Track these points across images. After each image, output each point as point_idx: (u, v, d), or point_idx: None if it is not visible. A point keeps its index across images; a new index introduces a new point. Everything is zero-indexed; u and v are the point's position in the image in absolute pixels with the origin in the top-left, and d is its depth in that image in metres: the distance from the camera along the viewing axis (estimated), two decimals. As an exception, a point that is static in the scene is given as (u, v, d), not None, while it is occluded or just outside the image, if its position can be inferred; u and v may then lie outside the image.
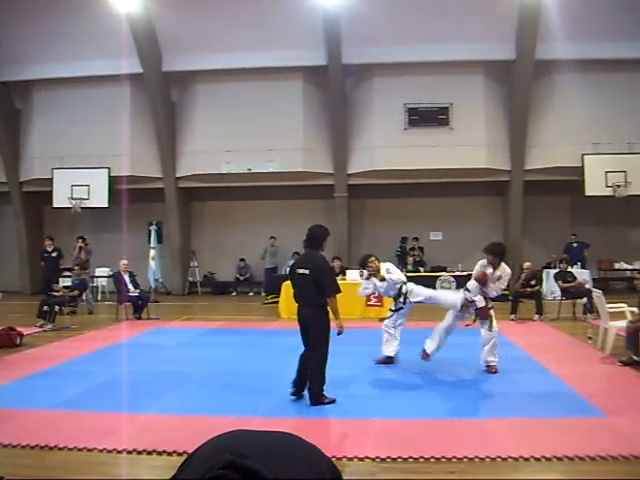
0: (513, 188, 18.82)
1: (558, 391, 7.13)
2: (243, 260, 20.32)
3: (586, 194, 17.94)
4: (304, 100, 19.05)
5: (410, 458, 5.00)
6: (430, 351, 8.38)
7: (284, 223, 19.99)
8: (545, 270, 17.10)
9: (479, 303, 8.20)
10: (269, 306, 16.10)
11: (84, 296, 14.85)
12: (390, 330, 8.82)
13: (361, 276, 11.55)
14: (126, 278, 14.45)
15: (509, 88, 18.66)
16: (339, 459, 4.98)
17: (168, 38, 18.26)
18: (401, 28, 17.25)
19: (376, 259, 8.95)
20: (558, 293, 14.30)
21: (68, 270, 15.84)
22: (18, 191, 20.16)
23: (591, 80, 17.87)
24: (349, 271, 14.82)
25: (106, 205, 19.09)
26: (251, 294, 20.00)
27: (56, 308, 12.84)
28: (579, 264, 16.92)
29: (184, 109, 19.78)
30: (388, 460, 5.00)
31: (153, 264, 18.31)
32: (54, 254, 15.95)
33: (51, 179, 19.02)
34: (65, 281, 14.93)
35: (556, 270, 15.02)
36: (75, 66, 18.32)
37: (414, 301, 8.77)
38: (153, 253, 18.42)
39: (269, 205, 20.57)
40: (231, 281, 20.65)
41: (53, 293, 13.49)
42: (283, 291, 14.64)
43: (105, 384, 7.74)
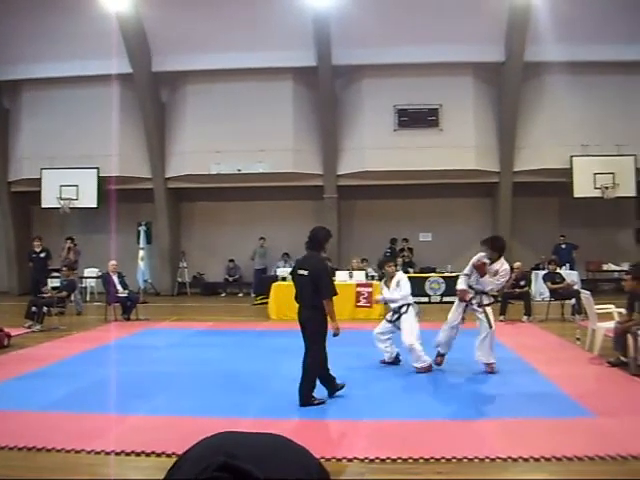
0: (502, 189, 18.88)
1: (547, 392, 7.15)
2: (232, 261, 20.30)
3: (575, 196, 18.04)
4: (294, 101, 19.04)
5: (399, 459, 5.02)
6: (444, 352, 8.54)
7: (274, 224, 20.01)
8: (534, 271, 17.15)
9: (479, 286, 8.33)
10: (258, 307, 16.08)
11: (73, 297, 14.79)
12: (382, 337, 8.81)
13: (372, 277, 11.72)
14: (115, 279, 14.40)
15: (498, 90, 18.73)
16: (328, 460, 4.97)
17: (158, 38, 18.21)
18: (391, 30, 17.28)
19: (395, 265, 9.29)
20: (547, 294, 14.35)
21: (56, 271, 15.76)
22: (6, 191, 20.05)
23: (580, 82, 17.96)
24: (338, 272, 14.80)
25: (95, 205, 19.00)
26: (240, 295, 19.96)
27: (44, 309, 12.77)
28: (568, 265, 16.97)
29: (174, 109, 19.73)
30: (377, 461, 5.01)
31: (142, 265, 18.26)
32: (42, 254, 15.89)
33: (40, 179, 18.91)
34: (53, 282, 14.85)
35: (545, 271, 15.07)
36: (64, 66, 18.23)
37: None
38: (142, 254, 18.37)
39: (259, 206, 20.55)
40: (220, 282, 20.62)
41: (41, 294, 13.43)
42: (272, 292, 14.65)
43: (94, 385, 7.71)
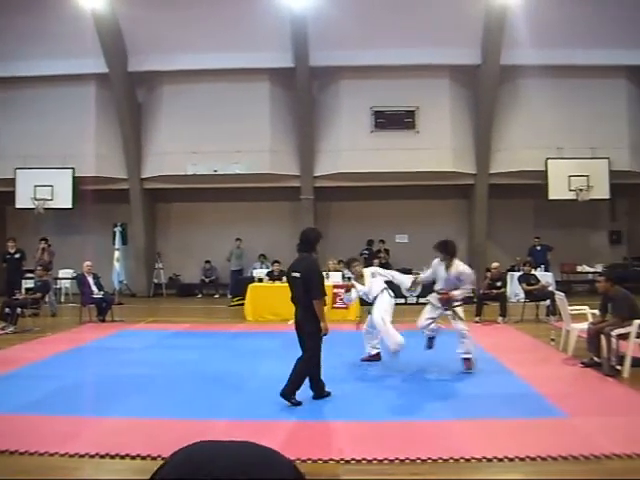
0: (478, 191, 19.00)
1: (521, 392, 7.21)
2: (209, 262, 20.22)
3: (550, 198, 18.22)
4: (271, 102, 19.01)
5: (374, 460, 5.02)
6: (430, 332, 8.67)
7: (250, 225, 19.98)
8: (509, 273, 17.27)
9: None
10: (235, 308, 16.04)
11: (47, 298, 14.66)
12: (369, 329, 8.98)
13: (349, 279, 11.77)
14: (90, 280, 14.28)
15: (475, 93, 18.86)
16: (304, 461, 4.97)
17: (134, 38, 18.08)
18: (368, 32, 17.32)
19: (360, 263, 9.57)
20: (522, 295, 14.45)
21: (31, 272, 15.61)
22: (-21, 191, 19.78)
23: (555, 86, 18.15)
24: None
25: (70, 206, 18.81)
26: (217, 296, 19.89)
27: (18, 310, 12.65)
28: (542, 267, 17.10)
29: (150, 110, 19.61)
30: (352, 462, 5.01)
31: (117, 266, 18.12)
32: (17, 255, 15.72)
33: (14, 179, 18.66)
34: (27, 283, 14.73)
35: (520, 273, 15.19)
36: (39, 65, 18.00)
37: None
38: (117, 255, 18.22)
39: (235, 207, 20.49)
40: (197, 283, 20.54)
41: (15, 295, 13.28)
42: (249, 293, 14.62)
43: (68, 387, 7.63)
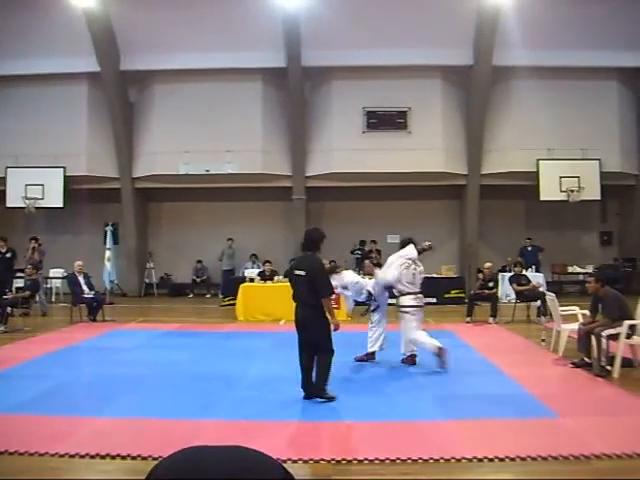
0: (470, 192, 19.05)
1: (512, 393, 7.22)
2: (200, 262, 20.19)
3: (541, 199, 18.29)
4: (263, 102, 19.00)
5: (365, 460, 5.02)
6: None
7: (242, 225, 19.97)
8: (500, 273, 17.30)
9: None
10: (226, 308, 16.02)
11: (37, 297, 14.61)
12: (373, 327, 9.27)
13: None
14: (81, 279, 14.23)
15: (467, 93, 18.91)
16: (295, 461, 4.98)
17: (126, 37, 18.04)
18: (361, 32, 17.34)
19: (370, 264, 9.91)
20: (513, 296, 14.49)
21: (21, 271, 15.55)
22: (-30, 190, 19.68)
23: (547, 87, 18.22)
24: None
25: (61, 205, 18.76)
26: (208, 296, 19.88)
27: (8, 309, 12.59)
28: (533, 267, 17.16)
29: (142, 109, 19.57)
30: (343, 462, 5.01)
31: (109, 265, 18.06)
32: (8, 255, 15.65)
33: (4, 178, 18.59)
34: (18, 282, 14.67)
35: (511, 273, 15.23)
36: (31, 63, 17.95)
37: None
38: (109, 254, 18.16)
39: (227, 207, 20.48)
40: (188, 283, 20.49)
41: (5, 295, 13.22)
42: (240, 293, 14.61)
43: (58, 387, 7.61)
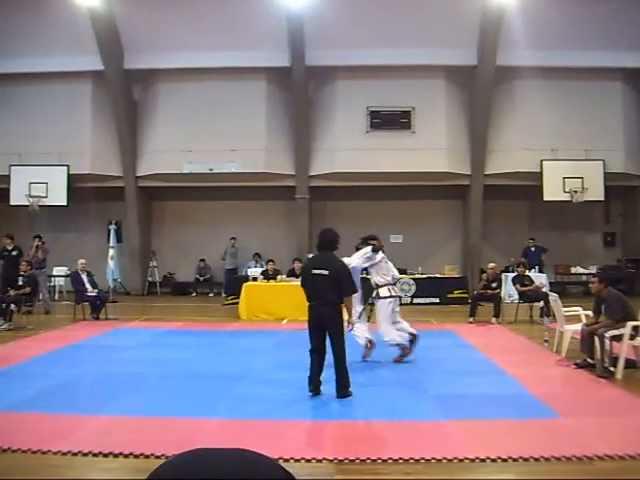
0: (473, 192, 19.01)
1: (514, 393, 7.22)
2: (203, 260, 20.19)
3: (544, 199, 18.25)
4: (267, 101, 18.99)
5: (368, 459, 5.02)
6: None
7: (245, 224, 19.97)
8: (503, 273, 17.26)
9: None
10: (229, 307, 16.01)
11: (41, 295, 14.62)
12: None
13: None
14: (84, 278, 14.25)
15: (470, 93, 18.87)
16: (297, 461, 4.98)
17: (130, 35, 18.03)
18: (365, 32, 17.32)
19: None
20: (516, 296, 14.47)
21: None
22: (-26, 188, 19.70)
23: (550, 87, 18.18)
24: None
25: (65, 203, 18.75)
26: (211, 295, 19.87)
27: (12, 307, 12.61)
28: (536, 268, 17.12)
29: (146, 108, 19.57)
30: (346, 462, 5.01)
31: (112, 264, 18.08)
32: (14, 252, 15.65)
33: (8, 176, 18.59)
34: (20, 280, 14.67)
35: (514, 274, 15.20)
36: (35, 62, 17.94)
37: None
38: (112, 253, 18.18)
39: (230, 206, 20.45)
40: (191, 282, 20.48)
41: (9, 292, 13.23)
42: (243, 292, 14.60)
43: (61, 385, 7.62)
